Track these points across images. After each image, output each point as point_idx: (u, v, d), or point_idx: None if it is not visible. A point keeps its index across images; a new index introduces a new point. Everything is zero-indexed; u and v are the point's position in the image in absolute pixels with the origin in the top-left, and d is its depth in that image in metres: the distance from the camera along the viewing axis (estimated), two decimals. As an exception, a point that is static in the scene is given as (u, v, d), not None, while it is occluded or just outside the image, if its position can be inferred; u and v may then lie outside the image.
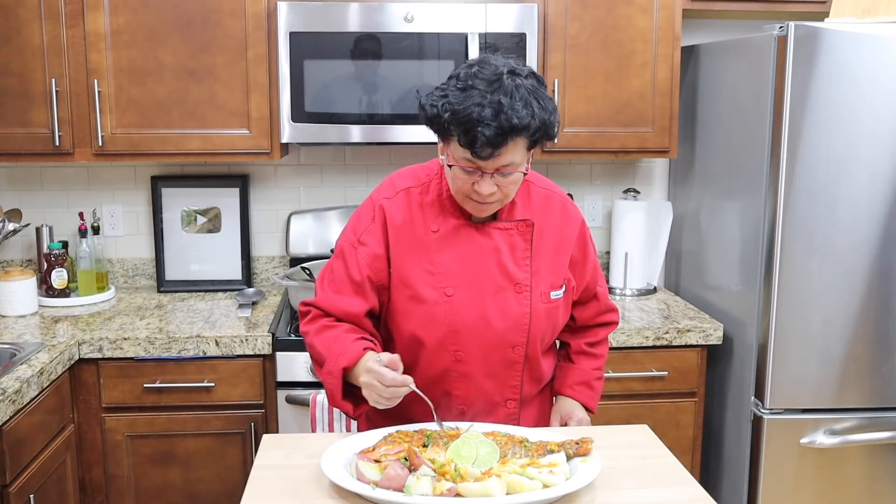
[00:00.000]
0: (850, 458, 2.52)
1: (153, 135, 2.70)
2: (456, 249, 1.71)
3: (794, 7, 2.88)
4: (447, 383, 1.74)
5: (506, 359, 1.74)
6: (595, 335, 1.96)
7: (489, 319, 1.71)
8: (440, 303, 1.70)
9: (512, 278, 1.72)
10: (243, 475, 2.50)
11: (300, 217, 3.07)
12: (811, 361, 2.46)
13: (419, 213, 1.73)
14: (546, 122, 1.58)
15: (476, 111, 1.53)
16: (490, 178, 1.59)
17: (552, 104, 1.61)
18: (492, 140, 1.53)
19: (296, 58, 2.62)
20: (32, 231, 3.02)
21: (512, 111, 1.53)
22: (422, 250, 1.71)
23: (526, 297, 1.72)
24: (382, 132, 2.69)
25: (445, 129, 1.60)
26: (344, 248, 1.76)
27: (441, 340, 1.71)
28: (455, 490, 1.40)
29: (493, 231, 1.72)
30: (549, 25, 2.75)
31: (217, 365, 2.52)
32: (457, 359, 1.72)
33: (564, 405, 1.93)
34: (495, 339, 1.72)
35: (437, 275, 1.70)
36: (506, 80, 1.56)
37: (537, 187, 1.81)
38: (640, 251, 3.05)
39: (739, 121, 2.64)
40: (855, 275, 2.42)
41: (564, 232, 1.80)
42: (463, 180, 1.62)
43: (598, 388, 1.95)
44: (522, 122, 1.54)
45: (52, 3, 2.60)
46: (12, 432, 2.04)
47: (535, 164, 3.13)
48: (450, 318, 1.70)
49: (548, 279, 1.76)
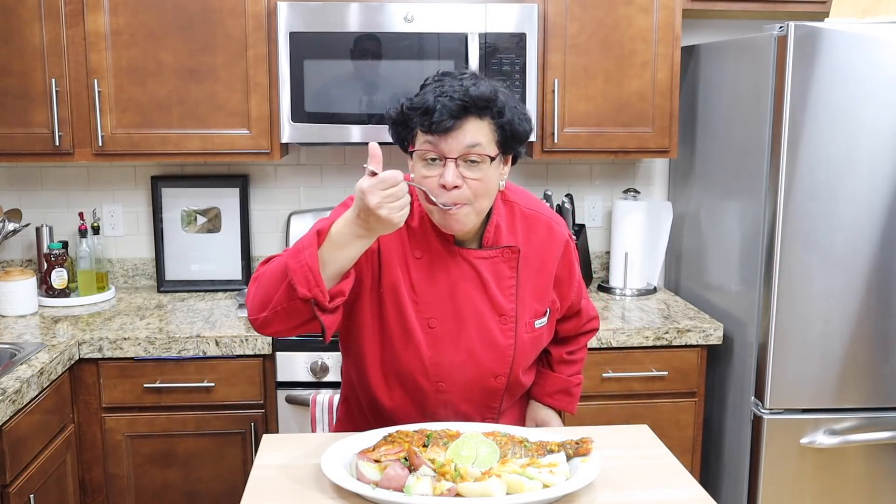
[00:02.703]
0: (849, 458, 2.52)
1: (153, 135, 2.70)
2: (439, 278, 1.65)
3: (794, 7, 2.88)
4: (427, 407, 1.72)
5: (487, 387, 1.72)
6: (576, 343, 1.95)
7: (473, 352, 1.67)
8: (423, 334, 1.66)
9: (498, 309, 1.68)
10: (243, 475, 2.50)
11: (300, 217, 3.07)
12: (811, 361, 2.46)
13: (405, 234, 1.65)
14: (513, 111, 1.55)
15: (435, 93, 1.51)
16: (454, 166, 1.51)
17: (523, 106, 1.60)
18: (451, 110, 1.48)
19: (296, 58, 2.62)
20: (32, 231, 3.02)
21: (473, 87, 1.51)
22: (406, 276, 1.65)
23: (511, 328, 1.69)
24: (382, 132, 2.65)
25: (408, 121, 1.55)
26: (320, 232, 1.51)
27: (423, 370, 1.67)
28: (455, 490, 1.40)
29: (477, 260, 1.66)
30: (549, 25, 2.75)
31: (217, 365, 2.52)
32: (438, 389, 1.69)
33: (540, 412, 1.92)
34: (478, 370, 1.69)
35: (421, 304, 1.65)
36: (468, 76, 1.56)
37: (522, 207, 1.73)
38: (640, 251, 3.05)
39: (739, 121, 2.64)
40: (855, 275, 2.42)
41: (549, 253, 1.74)
42: (428, 176, 1.54)
43: (576, 393, 1.93)
44: (484, 94, 1.50)
45: (52, 3, 2.61)
46: (12, 432, 2.05)
47: (535, 164, 3.15)
48: (432, 351, 1.66)
49: (532, 307, 1.72)
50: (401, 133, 1.60)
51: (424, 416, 1.73)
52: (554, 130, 2.78)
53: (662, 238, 3.12)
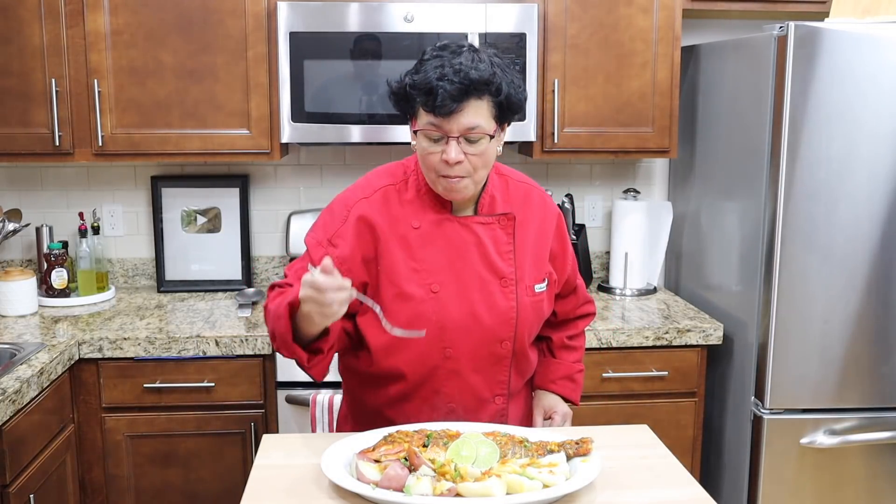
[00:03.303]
0: (849, 457, 2.52)
1: (153, 135, 2.70)
2: (439, 245, 1.70)
3: (794, 7, 2.88)
4: (436, 381, 1.74)
5: (494, 354, 1.74)
6: (575, 327, 1.99)
7: (477, 315, 1.70)
8: (427, 300, 1.69)
9: (497, 272, 1.72)
10: (243, 475, 2.50)
11: (300, 217, 3.07)
12: (811, 361, 2.46)
13: (399, 210, 1.71)
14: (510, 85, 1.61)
15: (436, 73, 1.58)
16: (456, 144, 1.59)
17: (518, 77, 1.65)
18: (453, 94, 1.55)
19: (296, 58, 2.62)
20: (32, 231, 3.02)
21: (473, 69, 1.57)
22: (405, 247, 1.70)
23: (512, 290, 1.73)
24: (382, 132, 2.69)
25: (411, 100, 1.62)
26: (310, 247, 1.72)
27: (429, 338, 1.69)
28: (455, 490, 1.40)
29: (475, 225, 1.72)
30: (549, 25, 2.75)
31: (217, 365, 2.52)
32: (446, 356, 1.71)
33: (546, 399, 1.94)
34: (484, 334, 1.72)
35: (422, 272, 1.69)
36: (466, 50, 1.62)
37: (515, 181, 1.81)
38: (640, 251, 3.05)
39: (739, 121, 2.64)
40: (855, 275, 2.42)
41: (544, 225, 1.81)
42: (431, 152, 1.61)
43: (579, 381, 1.98)
44: (483, 76, 1.57)
45: (52, 3, 2.61)
46: (12, 432, 2.05)
47: (535, 164, 3.15)
48: (437, 315, 1.69)
49: (531, 273, 1.76)
50: (402, 106, 1.67)
51: (435, 394, 1.74)
52: (554, 130, 2.78)
53: (662, 238, 3.12)
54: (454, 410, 1.76)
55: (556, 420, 1.91)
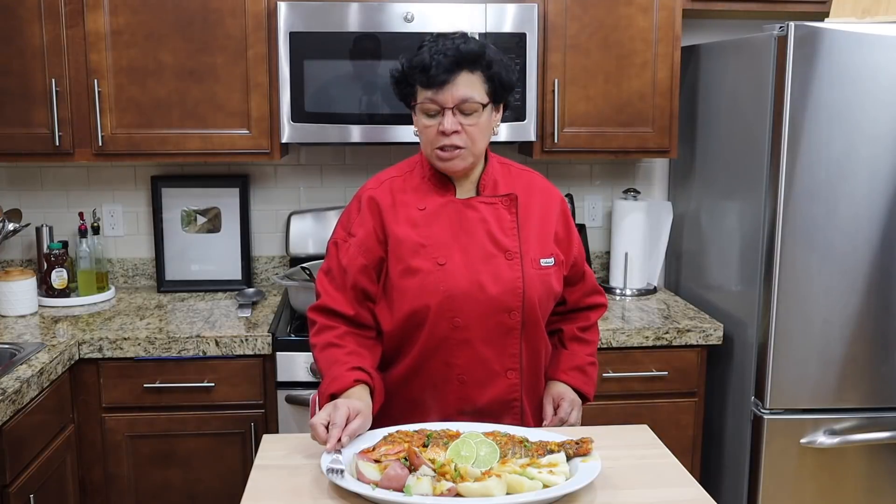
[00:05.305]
0: (849, 457, 2.52)
1: (153, 135, 2.70)
2: (445, 222, 1.78)
3: (794, 7, 2.88)
4: (446, 352, 1.76)
5: (503, 324, 1.76)
6: (586, 319, 2.00)
7: (483, 284, 1.75)
8: (433, 272, 1.74)
9: (501, 246, 1.78)
10: (243, 475, 2.50)
11: (300, 217, 3.07)
12: (811, 361, 2.46)
13: (406, 196, 1.81)
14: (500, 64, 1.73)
15: (431, 51, 1.71)
16: (451, 115, 1.70)
17: (509, 60, 1.77)
18: (445, 66, 1.68)
19: (296, 58, 2.62)
20: (32, 231, 3.02)
21: (463, 44, 1.70)
22: (412, 225, 1.78)
23: (517, 262, 1.77)
24: (382, 132, 2.69)
25: (410, 80, 1.73)
26: (337, 243, 1.84)
27: (438, 309, 1.73)
28: (455, 490, 1.40)
29: (479, 205, 1.80)
30: (549, 25, 2.75)
31: (217, 365, 2.52)
32: (454, 325, 1.74)
33: (555, 387, 1.94)
34: (491, 303, 1.75)
35: (429, 246, 1.76)
36: (460, 35, 1.74)
37: (517, 168, 1.90)
38: (640, 251, 3.06)
39: (739, 121, 2.64)
40: (855, 275, 2.42)
41: (547, 209, 1.87)
42: (429, 125, 1.73)
43: (592, 375, 1.97)
44: (473, 50, 1.69)
45: (52, 3, 2.61)
46: (12, 432, 2.04)
47: (535, 164, 3.15)
48: (444, 286, 1.74)
49: (536, 249, 1.81)
50: (403, 90, 1.77)
51: (445, 366, 1.76)
52: (554, 130, 2.78)
53: (662, 238, 3.12)
54: (465, 382, 1.77)
55: (563, 407, 1.89)
